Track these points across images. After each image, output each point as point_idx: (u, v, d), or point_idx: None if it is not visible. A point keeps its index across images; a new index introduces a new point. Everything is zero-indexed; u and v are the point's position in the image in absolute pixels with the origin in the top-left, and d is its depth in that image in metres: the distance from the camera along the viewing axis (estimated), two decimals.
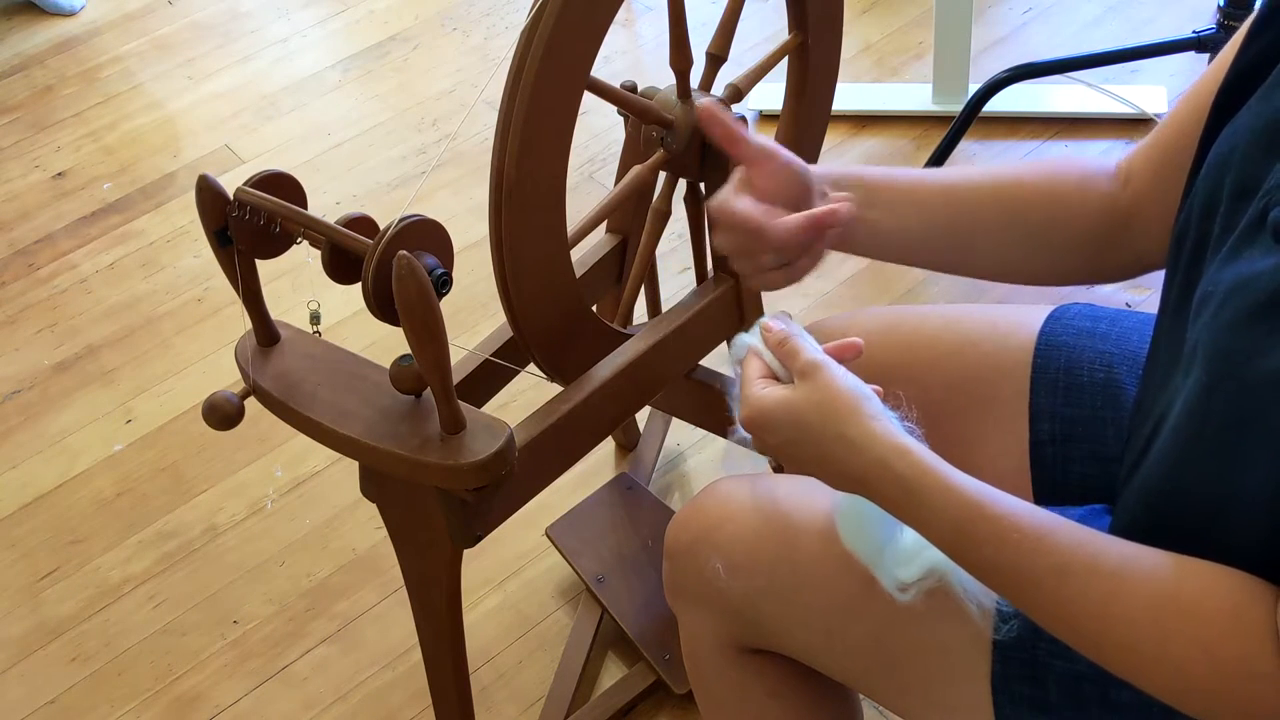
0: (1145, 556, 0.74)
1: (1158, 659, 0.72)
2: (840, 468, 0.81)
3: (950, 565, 0.86)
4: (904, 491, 0.79)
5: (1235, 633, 0.70)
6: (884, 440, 0.80)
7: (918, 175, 0.99)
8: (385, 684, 1.61)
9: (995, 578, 0.77)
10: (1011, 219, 0.97)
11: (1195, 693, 0.72)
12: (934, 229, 0.97)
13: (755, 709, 1.07)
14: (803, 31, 1.34)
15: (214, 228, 1.08)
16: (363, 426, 1.08)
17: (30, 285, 2.25)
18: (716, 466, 1.80)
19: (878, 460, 0.79)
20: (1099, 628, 0.74)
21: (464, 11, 2.78)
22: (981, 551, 0.77)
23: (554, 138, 1.09)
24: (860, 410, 0.81)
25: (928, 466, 0.79)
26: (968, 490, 0.78)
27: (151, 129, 2.57)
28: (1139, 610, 0.72)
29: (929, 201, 0.97)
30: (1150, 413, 0.84)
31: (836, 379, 0.82)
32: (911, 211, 0.97)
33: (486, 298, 2.07)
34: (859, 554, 0.91)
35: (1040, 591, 0.75)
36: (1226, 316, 0.71)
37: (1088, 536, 0.75)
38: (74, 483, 1.91)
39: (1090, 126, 2.26)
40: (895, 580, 0.89)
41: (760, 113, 2.34)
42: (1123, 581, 0.73)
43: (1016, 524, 0.76)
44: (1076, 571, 0.74)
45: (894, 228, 0.97)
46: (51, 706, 1.63)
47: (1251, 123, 0.76)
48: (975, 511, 0.77)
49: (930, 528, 0.79)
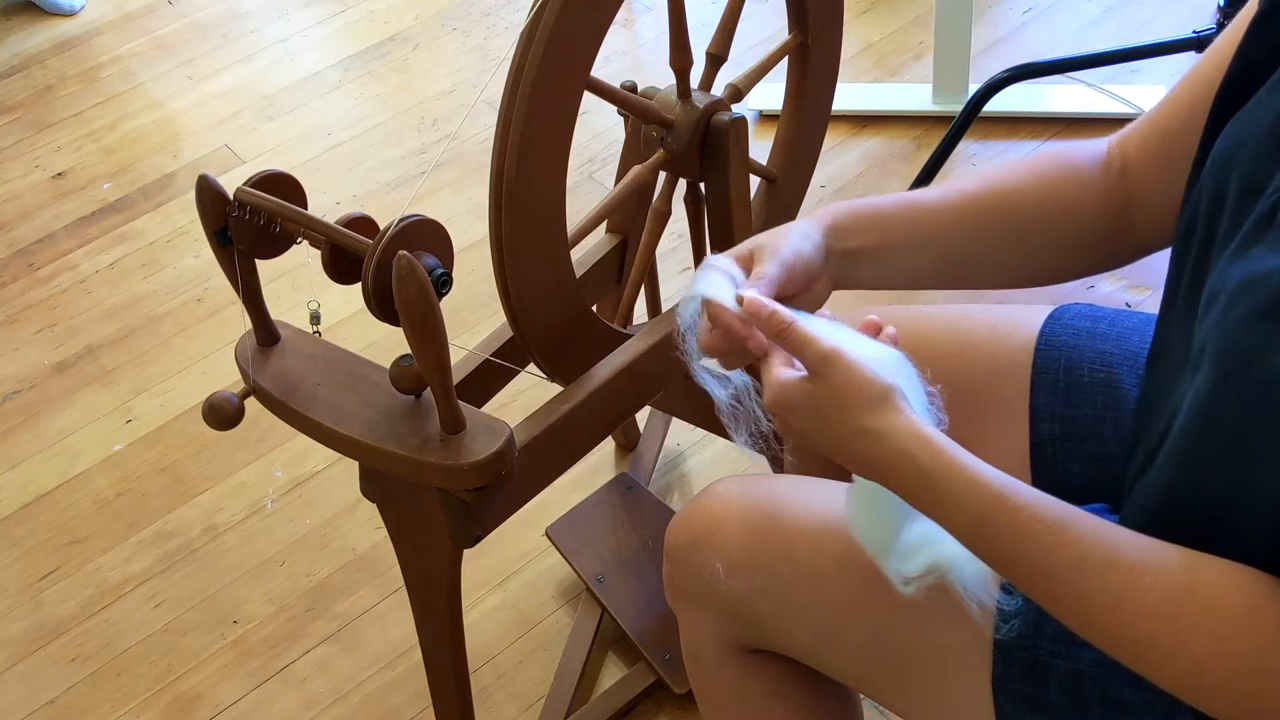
0: (1162, 551, 0.74)
1: (1173, 655, 0.72)
2: (862, 456, 0.81)
3: (950, 563, 0.86)
4: (926, 483, 0.78)
5: (1252, 630, 0.70)
6: (906, 431, 0.79)
7: (923, 202, 0.97)
8: (385, 684, 1.61)
9: (1013, 569, 0.77)
10: (1014, 227, 0.96)
11: (1210, 689, 0.71)
12: (944, 253, 0.97)
13: (755, 709, 1.07)
14: (803, 31, 1.34)
15: (214, 228, 1.08)
16: (363, 426, 1.08)
17: (30, 285, 2.25)
18: (716, 466, 1.80)
19: (899, 452, 0.79)
20: (1115, 621, 0.73)
21: (464, 11, 2.78)
22: (1001, 542, 0.76)
23: (554, 138, 1.09)
24: (880, 402, 0.80)
25: (950, 457, 0.78)
26: (990, 481, 0.77)
27: (151, 129, 2.57)
28: (1155, 605, 0.72)
29: (936, 227, 0.96)
30: (1160, 411, 0.84)
31: (855, 370, 0.80)
32: (923, 245, 0.96)
33: (486, 298, 2.07)
34: (867, 543, 0.90)
35: (1058, 584, 0.75)
36: (1235, 314, 0.70)
37: (1106, 529, 0.75)
38: (74, 483, 1.90)
39: (1090, 126, 2.26)
40: (899, 574, 0.89)
41: (760, 113, 2.34)
42: (1140, 576, 0.73)
43: (1037, 515, 0.76)
44: (1094, 565, 0.74)
45: (907, 265, 0.96)
46: (51, 706, 1.63)
47: (1259, 118, 0.75)
48: (997, 502, 0.76)
49: (951, 519, 0.78)
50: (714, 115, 1.24)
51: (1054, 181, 0.96)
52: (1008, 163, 0.99)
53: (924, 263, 0.96)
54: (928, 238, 0.96)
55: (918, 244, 0.96)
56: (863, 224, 0.95)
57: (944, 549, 0.86)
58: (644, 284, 1.44)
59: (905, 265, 0.96)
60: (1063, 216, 0.96)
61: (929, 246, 0.96)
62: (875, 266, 0.96)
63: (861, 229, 0.95)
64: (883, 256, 0.95)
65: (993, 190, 0.97)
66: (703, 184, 1.30)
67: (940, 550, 0.86)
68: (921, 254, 0.96)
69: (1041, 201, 0.96)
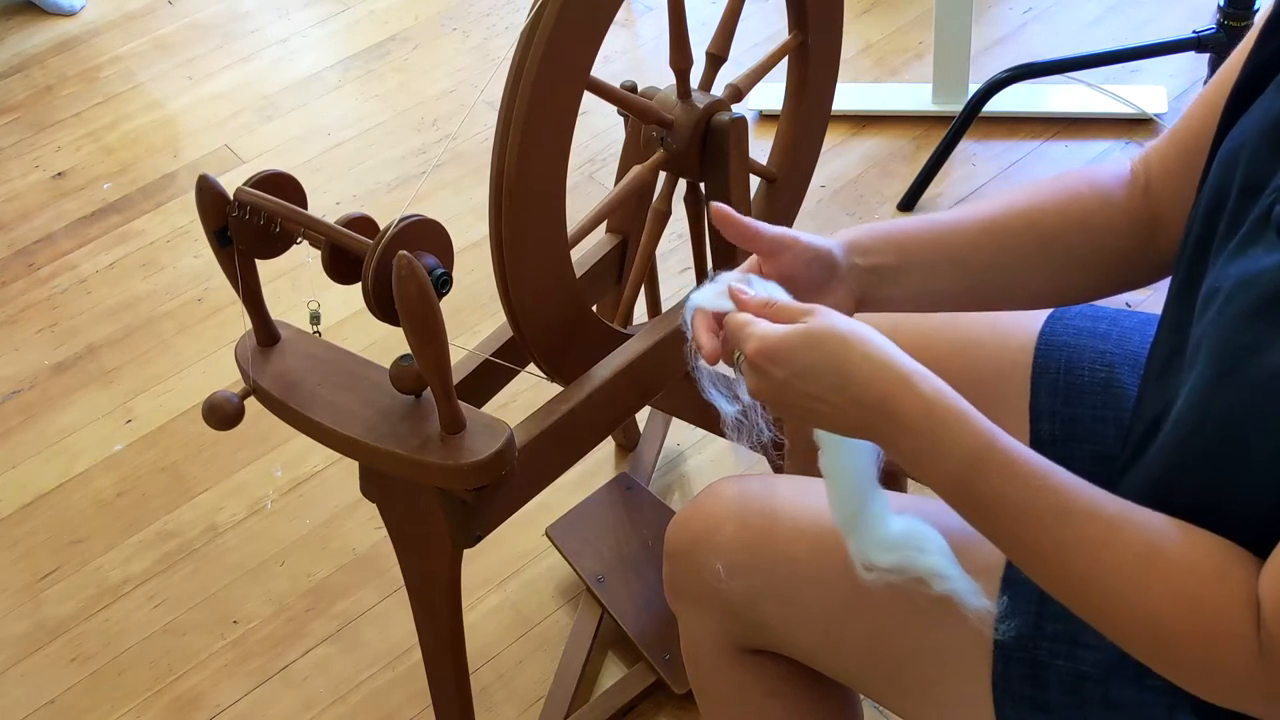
0: (1138, 511, 0.76)
1: (1138, 608, 0.73)
2: (860, 391, 0.80)
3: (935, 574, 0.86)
4: (925, 412, 0.79)
5: (1217, 591, 0.71)
6: (906, 362, 0.80)
7: (947, 223, 0.97)
8: (385, 684, 1.61)
9: (997, 511, 0.78)
10: (1041, 248, 0.95)
11: (1168, 647, 0.73)
12: (969, 274, 0.96)
13: (755, 709, 1.07)
14: (803, 31, 1.34)
15: (214, 228, 1.08)
16: (363, 426, 1.08)
17: (30, 285, 2.25)
18: (717, 466, 1.80)
19: (902, 378, 0.79)
20: (1088, 571, 0.75)
21: (464, 11, 2.78)
22: (990, 480, 0.77)
23: (554, 138, 1.09)
24: (876, 337, 0.81)
25: (946, 393, 0.79)
26: (982, 421, 0.79)
27: (151, 129, 2.57)
28: (1129, 558, 0.73)
29: (960, 247, 0.96)
30: (1150, 404, 0.85)
31: (843, 316, 0.83)
32: (946, 265, 0.96)
33: (486, 298, 2.07)
34: (837, 515, 0.90)
35: (1040, 529, 0.76)
36: (1232, 312, 0.71)
37: (1086, 484, 0.77)
38: (74, 483, 1.91)
39: (1090, 126, 2.26)
40: (865, 557, 0.89)
41: (760, 113, 2.34)
42: (1119, 530, 0.74)
43: (1025, 459, 0.77)
44: (1076, 513, 0.75)
45: (931, 286, 0.96)
46: (51, 706, 1.63)
47: (1261, 119, 0.76)
48: (988, 440, 0.78)
49: (944, 453, 0.79)
50: (714, 115, 1.24)
51: (1079, 201, 0.95)
52: (1030, 183, 0.98)
53: (948, 283, 0.96)
54: (950, 258, 0.95)
55: (941, 264, 0.95)
56: (882, 243, 0.95)
57: (927, 561, 0.86)
58: (644, 284, 1.44)
59: (929, 285, 0.96)
60: (1089, 235, 0.95)
61: (952, 267, 0.95)
62: (898, 285, 0.95)
63: (881, 247, 0.95)
64: (905, 275, 0.95)
65: (1018, 211, 0.96)
66: (703, 184, 1.30)
67: (923, 562, 0.86)
68: (945, 274, 0.96)
69: (1067, 221, 0.95)
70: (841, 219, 2.15)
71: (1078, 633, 0.87)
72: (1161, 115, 2.23)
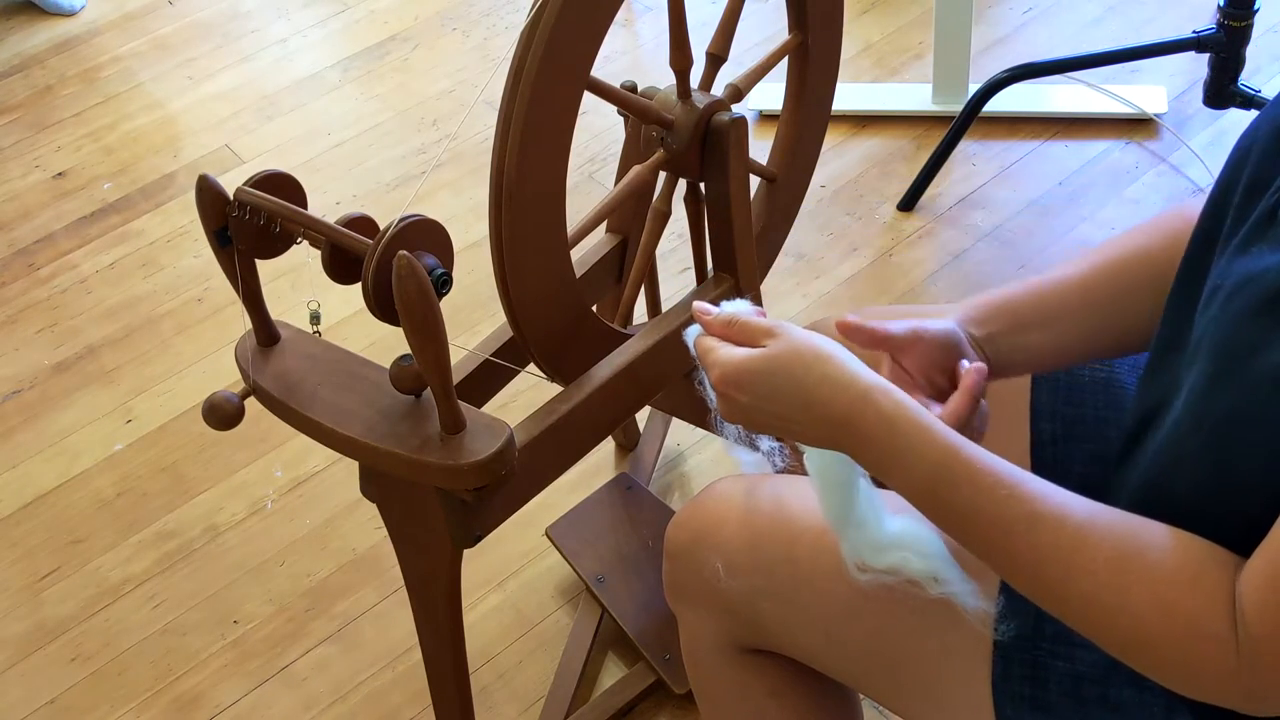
0: (1109, 512, 0.76)
1: (1116, 610, 0.73)
2: (823, 411, 0.82)
3: (936, 574, 0.86)
4: (888, 428, 0.80)
5: (1194, 591, 0.71)
6: (866, 378, 0.81)
7: (1047, 280, 0.97)
8: (385, 684, 1.61)
9: (968, 522, 0.78)
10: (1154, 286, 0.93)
11: (1147, 647, 0.73)
12: (1087, 324, 0.96)
13: (755, 709, 1.07)
14: (803, 31, 1.34)
15: (214, 228, 1.08)
16: (363, 426, 1.08)
17: (30, 285, 2.25)
18: (716, 466, 1.80)
19: (861, 395, 0.80)
20: (1062, 576, 0.75)
21: (464, 11, 2.78)
22: (959, 492, 0.78)
23: (554, 138, 1.09)
24: (836, 354, 0.83)
25: (909, 405, 0.80)
26: (946, 432, 0.79)
27: (151, 129, 2.57)
28: (1102, 561, 0.74)
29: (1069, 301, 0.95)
30: (1144, 399, 0.85)
31: (804, 333, 0.84)
32: (1055, 319, 0.95)
33: (486, 298, 2.07)
34: (827, 516, 0.91)
35: (1011, 538, 0.76)
36: (1233, 310, 0.71)
37: (1054, 489, 0.77)
38: (74, 483, 1.91)
39: (1090, 126, 2.26)
40: (858, 558, 0.89)
41: (760, 113, 2.34)
42: (1090, 534, 0.75)
43: (992, 468, 0.78)
44: (1046, 520, 0.75)
45: (1048, 342, 0.96)
46: (51, 706, 1.63)
47: (1272, 116, 0.76)
48: (954, 453, 0.78)
49: (910, 466, 0.79)
50: (714, 115, 1.24)
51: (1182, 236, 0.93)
52: (1125, 232, 0.98)
53: (1066, 338, 0.95)
54: (1060, 314, 0.95)
55: (1052, 320, 0.95)
56: (990, 312, 0.95)
57: (923, 563, 0.87)
58: (644, 284, 1.44)
59: (1047, 344, 0.96)
60: None
61: (1064, 320, 0.95)
62: (1021, 351, 0.95)
63: (990, 316, 0.95)
64: (1021, 338, 0.95)
65: (1125, 255, 0.96)
66: (703, 184, 1.30)
67: (918, 565, 0.86)
68: (1061, 329, 0.95)
69: (1175, 256, 0.93)
70: (841, 219, 2.15)
71: (1076, 634, 0.87)
72: (1162, 115, 2.23)
